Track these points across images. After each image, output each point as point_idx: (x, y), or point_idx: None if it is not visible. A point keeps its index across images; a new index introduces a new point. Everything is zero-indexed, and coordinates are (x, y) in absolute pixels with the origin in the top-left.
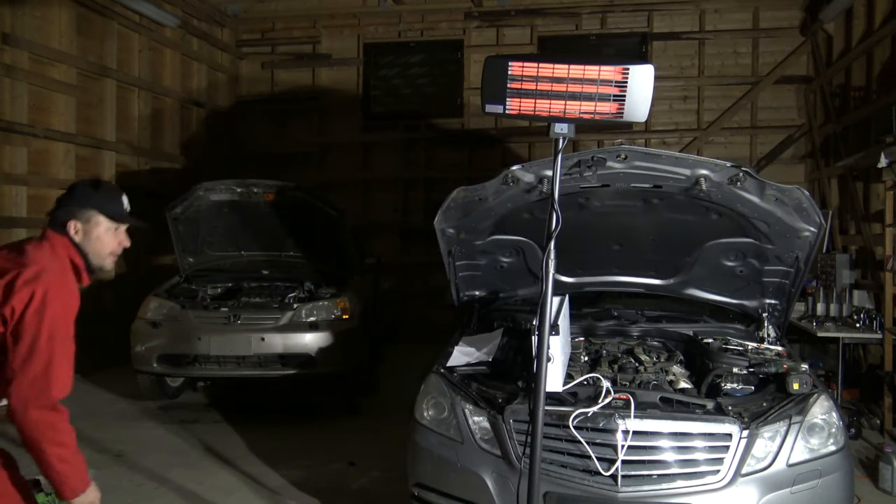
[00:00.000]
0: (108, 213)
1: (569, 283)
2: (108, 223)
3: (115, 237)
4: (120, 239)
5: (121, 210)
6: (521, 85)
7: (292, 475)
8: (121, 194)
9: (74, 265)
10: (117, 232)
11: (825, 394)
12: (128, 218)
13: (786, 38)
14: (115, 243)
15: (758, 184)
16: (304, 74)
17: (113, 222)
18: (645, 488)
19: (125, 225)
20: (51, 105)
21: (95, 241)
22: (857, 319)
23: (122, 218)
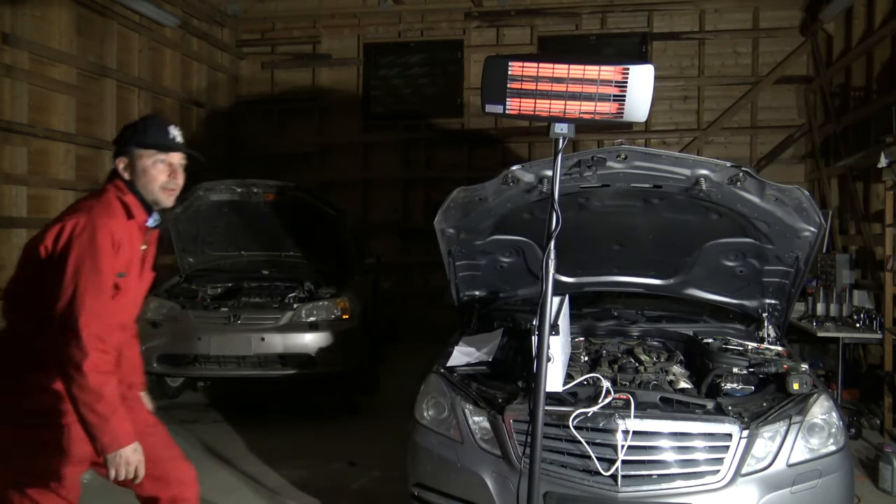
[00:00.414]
0: (151, 143)
1: (569, 283)
2: (152, 155)
3: (162, 169)
4: (171, 171)
5: (163, 140)
6: (521, 85)
7: (292, 475)
8: (166, 125)
9: (124, 203)
10: (164, 164)
11: (825, 394)
12: (174, 146)
13: (786, 38)
14: (162, 175)
15: (758, 184)
16: (304, 74)
17: (157, 153)
18: (645, 488)
19: (172, 155)
20: (51, 105)
21: (142, 175)
22: (857, 319)
23: (165, 147)
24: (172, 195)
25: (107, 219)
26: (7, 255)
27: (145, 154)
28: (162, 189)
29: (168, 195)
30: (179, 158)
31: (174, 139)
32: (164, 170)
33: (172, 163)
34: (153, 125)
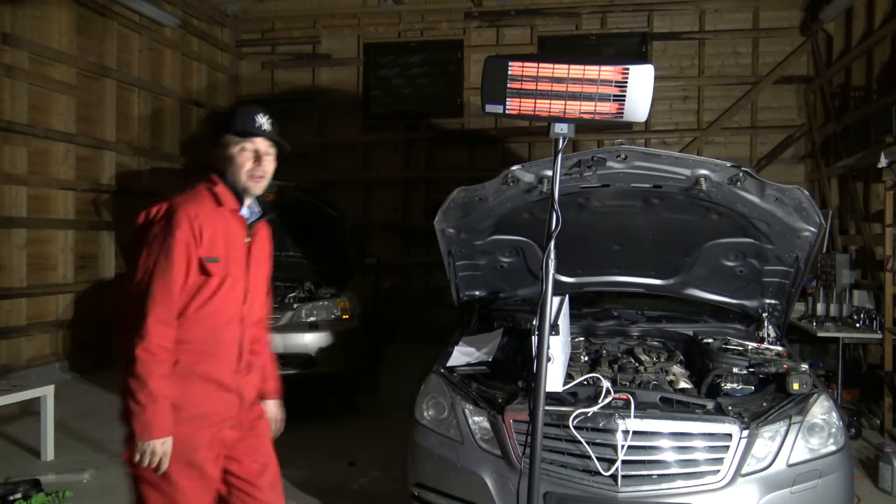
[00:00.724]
0: (234, 129)
1: (569, 283)
2: (238, 141)
3: (248, 156)
4: (257, 157)
5: (249, 126)
6: (521, 85)
7: (292, 475)
8: (254, 112)
9: (213, 192)
10: (250, 150)
11: (825, 394)
12: (258, 132)
13: (786, 38)
14: (248, 162)
15: (758, 184)
16: (304, 74)
17: (242, 139)
18: (645, 488)
19: (258, 142)
20: (51, 105)
21: (230, 163)
22: (857, 319)
23: (249, 133)
24: (260, 182)
25: (188, 205)
26: (7, 255)
27: (232, 141)
28: (249, 176)
29: (255, 182)
30: (267, 146)
31: (260, 126)
32: (249, 156)
33: (259, 149)
34: (241, 112)
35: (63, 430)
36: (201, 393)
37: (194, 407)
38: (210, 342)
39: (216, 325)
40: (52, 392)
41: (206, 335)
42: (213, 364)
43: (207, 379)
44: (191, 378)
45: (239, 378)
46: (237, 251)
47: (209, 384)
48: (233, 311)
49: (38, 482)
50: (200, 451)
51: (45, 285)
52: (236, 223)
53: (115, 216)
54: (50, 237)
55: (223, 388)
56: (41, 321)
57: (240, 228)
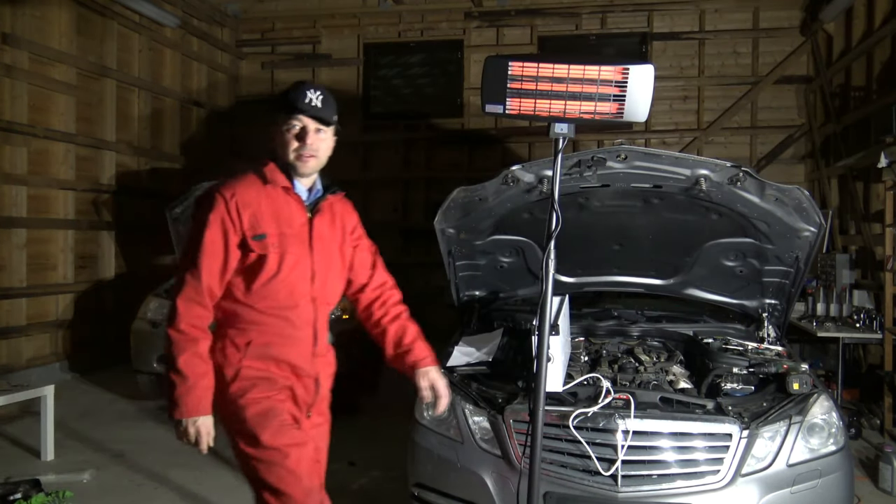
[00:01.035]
0: (284, 106)
1: (569, 283)
2: (285, 119)
3: (291, 133)
4: (302, 134)
5: (297, 102)
6: (521, 85)
7: None
8: (306, 89)
9: (261, 171)
10: (297, 128)
11: (825, 394)
12: (303, 108)
13: (786, 38)
14: (294, 140)
15: (758, 184)
16: (304, 74)
17: (289, 117)
18: (645, 488)
19: (304, 119)
20: (51, 105)
21: (277, 141)
22: (857, 319)
23: (293, 109)
24: (307, 162)
25: (226, 186)
26: (7, 255)
27: (280, 119)
28: (295, 155)
29: (302, 162)
30: (315, 123)
31: (309, 102)
32: (295, 134)
33: (305, 126)
34: (294, 89)
35: (63, 430)
36: (279, 373)
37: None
38: (280, 324)
39: (284, 305)
40: (52, 392)
41: (275, 316)
42: (286, 346)
43: (281, 361)
44: (266, 360)
45: (316, 362)
46: (294, 228)
47: (284, 367)
48: (300, 290)
49: (38, 482)
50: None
51: (45, 285)
52: (291, 201)
53: (115, 216)
54: (50, 237)
55: (298, 372)
56: (41, 321)
57: (296, 206)
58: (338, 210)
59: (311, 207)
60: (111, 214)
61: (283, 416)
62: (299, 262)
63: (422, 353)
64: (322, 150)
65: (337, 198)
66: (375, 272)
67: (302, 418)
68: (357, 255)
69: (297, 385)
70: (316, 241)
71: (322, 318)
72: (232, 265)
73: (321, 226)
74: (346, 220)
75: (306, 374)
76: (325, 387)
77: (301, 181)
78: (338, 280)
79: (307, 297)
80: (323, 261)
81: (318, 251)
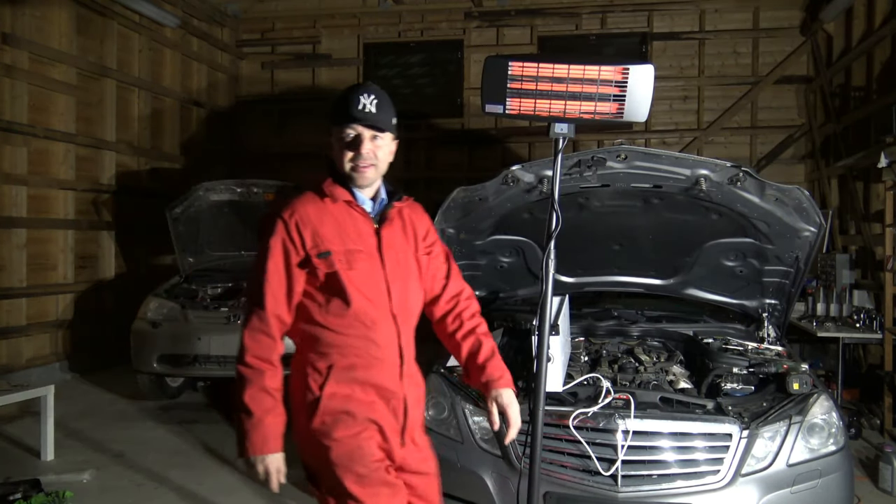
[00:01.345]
0: (334, 117)
1: (569, 283)
2: (337, 129)
3: (346, 143)
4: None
5: (349, 109)
6: (521, 85)
7: (292, 475)
8: (360, 93)
9: (320, 186)
10: (350, 137)
11: (825, 394)
12: (354, 116)
13: (786, 38)
14: (348, 150)
15: (758, 184)
16: (304, 74)
17: (340, 126)
18: (645, 488)
19: (355, 126)
20: (51, 105)
21: (333, 152)
22: (857, 319)
23: (345, 118)
24: (364, 172)
25: (290, 204)
26: (7, 255)
27: (333, 129)
28: (351, 166)
29: (358, 173)
30: (370, 130)
31: (362, 108)
32: (348, 144)
33: (360, 135)
34: (346, 94)
35: (63, 430)
36: (363, 399)
37: (361, 413)
38: (362, 344)
39: (364, 324)
40: (52, 392)
41: (355, 336)
42: (371, 368)
43: (366, 384)
44: (351, 384)
45: (403, 383)
46: (361, 242)
47: (369, 391)
48: (378, 307)
49: (38, 482)
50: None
51: (45, 285)
52: (354, 214)
53: (115, 216)
54: (50, 237)
55: (385, 395)
56: (41, 321)
57: (361, 219)
58: (407, 216)
59: (378, 218)
60: (111, 214)
61: (370, 458)
62: (371, 276)
63: (495, 373)
64: (381, 159)
65: (405, 203)
66: (450, 282)
67: (394, 449)
68: (430, 263)
69: (385, 411)
70: (387, 252)
71: (406, 334)
72: (298, 288)
73: (390, 236)
74: (417, 226)
75: (393, 397)
76: (416, 410)
77: (363, 191)
78: (416, 292)
79: (386, 313)
80: (397, 273)
81: (390, 263)
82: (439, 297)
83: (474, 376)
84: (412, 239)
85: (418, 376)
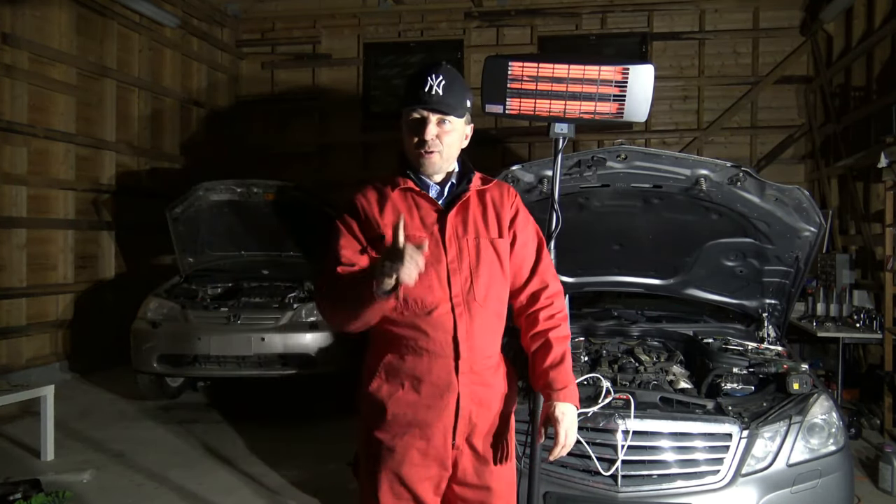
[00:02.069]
0: (403, 100)
1: (569, 283)
2: (404, 112)
3: (412, 128)
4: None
5: (410, 93)
6: (521, 85)
7: (292, 475)
8: (426, 74)
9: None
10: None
11: (825, 394)
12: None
13: (786, 38)
14: (414, 135)
15: (758, 184)
16: (304, 74)
17: (407, 110)
18: (645, 488)
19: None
20: (51, 105)
21: (403, 136)
22: (857, 319)
23: (408, 101)
24: (429, 158)
25: (361, 190)
26: (7, 255)
27: (403, 112)
28: (415, 152)
29: (424, 159)
30: (437, 114)
31: (429, 90)
32: (413, 129)
33: (426, 118)
34: (415, 75)
35: (63, 430)
36: (407, 399)
37: (405, 413)
38: (413, 334)
39: (417, 313)
40: (52, 392)
41: (407, 326)
42: (420, 360)
43: (414, 377)
44: (398, 377)
45: (461, 379)
46: (422, 230)
47: (418, 384)
48: (435, 296)
49: (38, 482)
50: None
51: (45, 285)
52: (420, 200)
53: (115, 216)
54: (50, 237)
55: (435, 391)
56: (41, 321)
57: (425, 205)
58: (490, 199)
59: (447, 202)
60: (111, 214)
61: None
62: (430, 263)
63: (556, 382)
64: (449, 145)
65: (488, 185)
66: (535, 276)
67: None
68: (516, 251)
69: (433, 409)
70: (450, 239)
71: (467, 326)
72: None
73: (458, 221)
74: (501, 210)
75: (446, 392)
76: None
77: (431, 178)
78: (491, 280)
79: (444, 302)
80: (463, 260)
81: (453, 250)
82: (521, 290)
83: (535, 381)
84: (494, 223)
85: (487, 374)
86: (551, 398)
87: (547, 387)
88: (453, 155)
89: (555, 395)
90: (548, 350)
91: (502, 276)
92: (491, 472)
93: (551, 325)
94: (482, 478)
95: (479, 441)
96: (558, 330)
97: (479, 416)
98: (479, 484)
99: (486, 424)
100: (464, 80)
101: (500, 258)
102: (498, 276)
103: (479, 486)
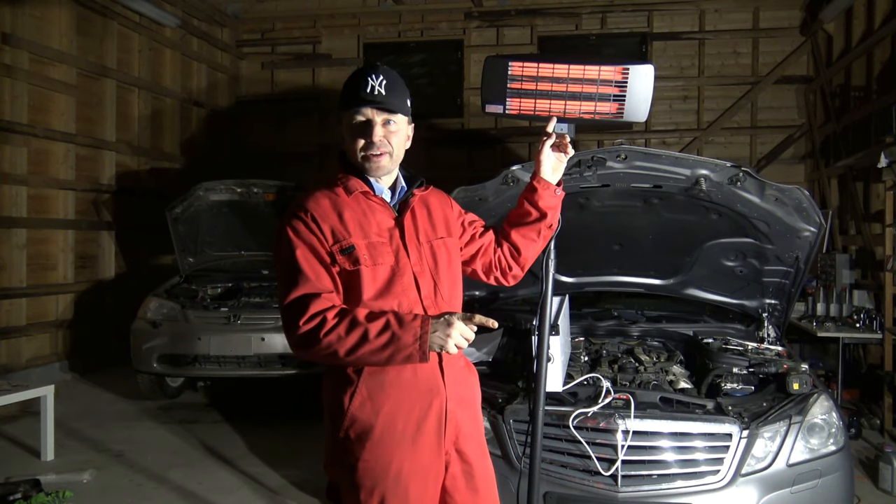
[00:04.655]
0: (341, 103)
1: (569, 283)
2: (345, 115)
3: (355, 130)
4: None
5: (349, 94)
6: (521, 85)
7: (292, 475)
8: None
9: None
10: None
11: (825, 394)
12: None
13: (786, 38)
14: (359, 139)
15: (758, 184)
16: (304, 74)
17: (347, 112)
18: (645, 488)
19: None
20: (51, 105)
21: (344, 142)
22: (857, 319)
23: (352, 101)
24: (377, 161)
25: (300, 201)
26: (7, 255)
27: (343, 116)
28: (362, 154)
29: (370, 163)
30: (381, 114)
31: (370, 91)
32: (357, 131)
33: (370, 120)
34: (353, 76)
35: (63, 430)
36: (394, 411)
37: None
38: None
39: None
40: (52, 392)
41: None
42: (407, 369)
43: (395, 386)
44: (385, 390)
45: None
46: (383, 235)
47: (404, 395)
48: (407, 301)
49: (38, 482)
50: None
51: (45, 285)
52: (373, 205)
53: (115, 216)
54: (50, 237)
55: (425, 398)
56: (41, 321)
57: (380, 210)
58: (433, 203)
59: (399, 207)
60: (111, 214)
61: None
62: (397, 270)
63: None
64: (395, 145)
65: (427, 191)
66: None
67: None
68: (475, 230)
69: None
70: (410, 243)
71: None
72: (333, 271)
73: (414, 225)
74: (446, 211)
75: (436, 397)
76: (464, 413)
77: (380, 181)
78: (452, 279)
79: (416, 305)
80: (425, 263)
81: (415, 254)
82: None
83: (523, 206)
84: (442, 225)
85: (465, 374)
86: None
87: (529, 190)
88: (400, 155)
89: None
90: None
91: (459, 273)
92: (477, 475)
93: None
94: (470, 482)
95: (465, 444)
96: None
97: (463, 418)
98: (468, 487)
99: (468, 426)
100: (402, 79)
101: (451, 256)
102: (456, 273)
103: (468, 490)
